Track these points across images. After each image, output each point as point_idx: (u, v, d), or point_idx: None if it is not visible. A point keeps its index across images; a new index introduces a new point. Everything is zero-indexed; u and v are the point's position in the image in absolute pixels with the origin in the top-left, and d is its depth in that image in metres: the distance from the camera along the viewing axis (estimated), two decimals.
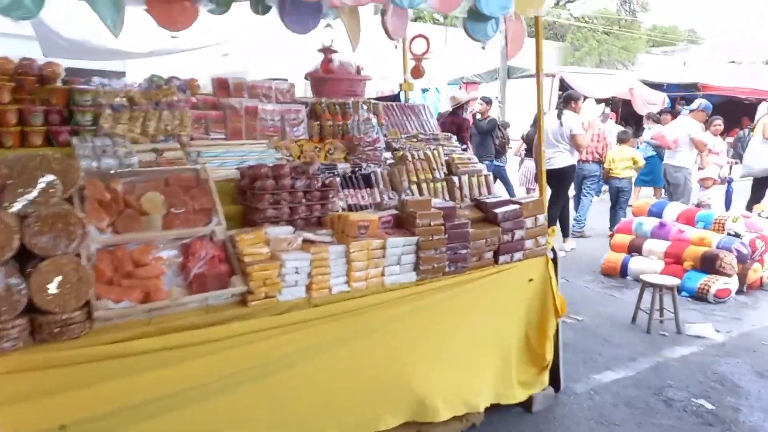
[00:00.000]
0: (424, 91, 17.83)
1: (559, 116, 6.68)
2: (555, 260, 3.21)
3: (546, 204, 3.19)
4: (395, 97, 3.48)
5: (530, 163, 9.22)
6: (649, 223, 5.90)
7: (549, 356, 3.15)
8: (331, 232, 2.50)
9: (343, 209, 2.77)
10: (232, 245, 2.29)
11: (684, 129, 7.54)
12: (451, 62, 18.77)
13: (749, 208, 7.41)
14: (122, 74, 7.97)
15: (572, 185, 7.37)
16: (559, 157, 6.55)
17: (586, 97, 9.94)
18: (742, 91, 16.85)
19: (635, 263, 5.72)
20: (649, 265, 5.60)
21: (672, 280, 4.50)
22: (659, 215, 6.08)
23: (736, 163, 10.63)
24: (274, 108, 3.16)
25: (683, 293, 5.27)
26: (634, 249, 5.86)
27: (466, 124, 7.13)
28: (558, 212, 6.59)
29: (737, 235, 5.45)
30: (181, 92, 2.92)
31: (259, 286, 2.22)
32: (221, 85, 3.17)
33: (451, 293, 2.72)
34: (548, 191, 4.60)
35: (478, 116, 8.33)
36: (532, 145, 8.42)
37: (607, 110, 12.76)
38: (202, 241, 2.27)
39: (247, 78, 3.34)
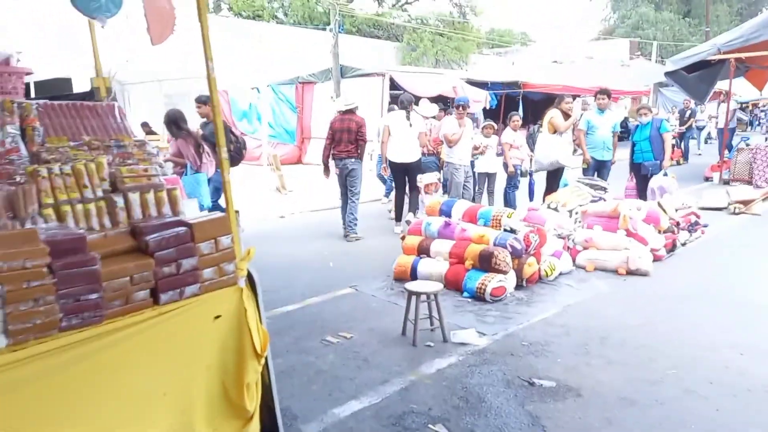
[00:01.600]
0: (258, 90, 17.00)
1: (408, 118, 7.69)
2: (254, 287, 2.66)
3: (233, 220, 2.62)
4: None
5: None
6: (436, 223, 5.69)
7: (251, 406, 2.60)
8: None
9: None
10: None
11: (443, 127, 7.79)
12: (284, 61, 18.14)
13: (543, 199, 7.64)
14: None
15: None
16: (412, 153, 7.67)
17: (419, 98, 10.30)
18: (555, 88, 18.07)
19: (423, 266, 5.46)
20: (435, 267, 5.37)
21: (432, 287, 4.18)
22: (449, 214, 5.91)
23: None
24: None
25: (465, 294, 5.09)
26: (423, 250, 5.62)
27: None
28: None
29: (512, 231, 5.39)
30: None
31: None
32: None
33: (80, 355, 2.05)
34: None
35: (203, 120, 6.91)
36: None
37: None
38: None
39: None
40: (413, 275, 5.49)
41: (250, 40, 18.20)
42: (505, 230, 5.38)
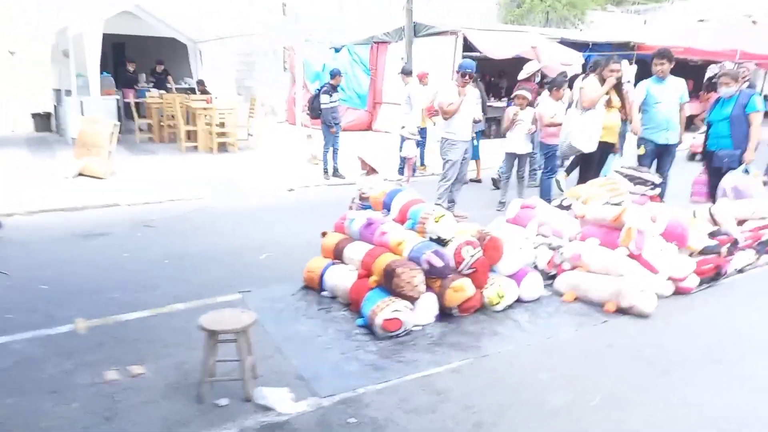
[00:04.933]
0: (337, 50, 16.16)
1: None
2: None
3: None
4: None
5: None
6: (360, 220, 4.41)
7: None
8: None
9: None
10: None
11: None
12: (358, 21, 16.99)
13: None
14: None
15: None
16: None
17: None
18: (677, 50, 14.87)
19: (331, 275, 4.24)
20: (342, 279, 4.14)
21: (239, 321, 2.92)
22: (389, 208, 4.59)
23: None
24: None
25: (359, 322, 3.83)
26: (338, 254, 4.39)
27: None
28: None
29: (439, 241, 3.96)
30: None
31: None
32: None
33: None
34: None
35: None
36: None
37: None
38: None
39: None
40: (321, 285, 4.32)
41: None
42: (430, 239, 3.98)
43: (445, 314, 3.94)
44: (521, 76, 8.63)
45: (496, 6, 20.01)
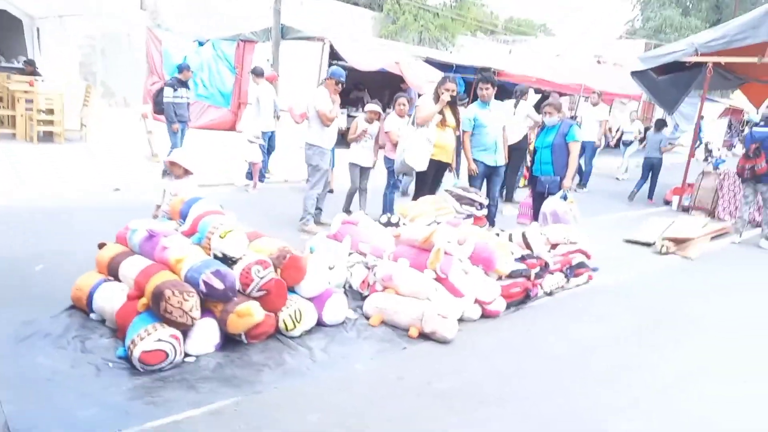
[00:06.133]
0: (201, 44, 15.09)
1: None
2: None
3: None
4: None
5: None
6: (141, 232, 3.79)
7: None
8: None
9: None
10: None
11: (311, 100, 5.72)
12: (224, 16, 16.13)
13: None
14: None
15: None
16: None
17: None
18: (529, 80, 15.77)
19: (102, 294, 3.57)
20: (111, 300, 3.48)
21: None
22: (184, 217, 4.01)
23: None
24: None
25: (119, 353, 3.21)
26: (113, 270, 3.73)
27: None
28: None
29: (226, 259, 3.47)
30: None
31: None
32: None
33: None
34: None
35: None
36: None
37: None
38: None
39: None
40: (90, 305, 3.63)
41: None
42: (214, 256, 3.48)
43: (232, 340, 3.46)
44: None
45: (372, 20, 20.04)
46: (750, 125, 14.94)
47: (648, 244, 6.98)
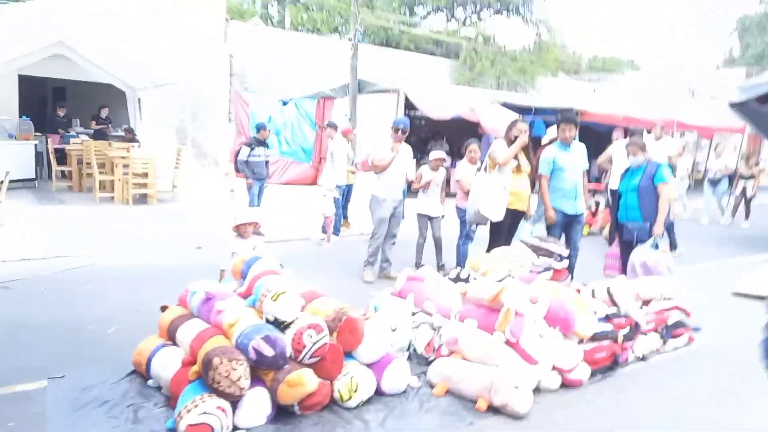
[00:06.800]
0: (284, 103, 15.84)
1: None
2: None
3: None
4: None
5: None
6: (200, 294, 3.74)
7: None
8: None
9: None
10: None
11: None
12: (304, 75, 16.81)
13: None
14: None
15: None
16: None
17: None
18: (616, 119, 14.93)
19: (159, 360, 3.52)
20: (167, 366, 3.43)
21: None
22: (245, 278, 3.95)
23: None
24: None
25: (170, 424, 3.10)
26: (171, 334, 3.70)
27: None
28: None
29: (277, 323, 3.31)
30: None
31: None
32: None
33: None
34: None
35: None
36: None
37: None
38: None
39: None
40: (148, 371, 3.60)
41: (279, 49, 16.98)
42: (267, 320, 3.33)
43: (285, 411, 3.26)
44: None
45: (449, 68, 20.18)
46: None
47: (762, 298, 6.08)
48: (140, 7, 11.52)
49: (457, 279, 4.88)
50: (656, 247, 5.23)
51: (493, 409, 3.40)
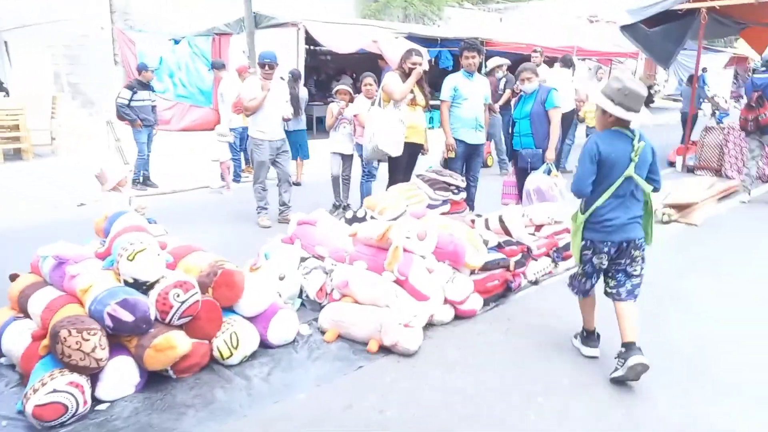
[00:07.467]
0: (176, 42, 14.56)
1: None
2: None
3: None
4: None
5: None
6: (51, 258, 3.30)
7: None
8: None
9: None
10: None
11: None
12: (196, 10, 15.50)
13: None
14: None
15: None
16: None
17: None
18: (519, 47, 14.96)
19: (9, 335, 3.10)
20: (18, 341, 3.02)
21: None
22: (107, 234, 3.53)
23: None
24: None
25: (19, 405, 2.74)
26: (23, 305, 3.25)
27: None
28: None
29: (138, 284, 2.97)
30: None
31: None
32: None
33: None
34: None
35: None
36: None
37: None
38: None
39: None
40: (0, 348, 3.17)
41: None
42: (125, 283, 2.98)
43: (159, 377, 2.98)
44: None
45: (353, 1, 19.28)
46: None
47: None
48: None
49: (353, 219, 4.68)
50: (549, 172, 5.24)
51: (385, 350, 3.30)
